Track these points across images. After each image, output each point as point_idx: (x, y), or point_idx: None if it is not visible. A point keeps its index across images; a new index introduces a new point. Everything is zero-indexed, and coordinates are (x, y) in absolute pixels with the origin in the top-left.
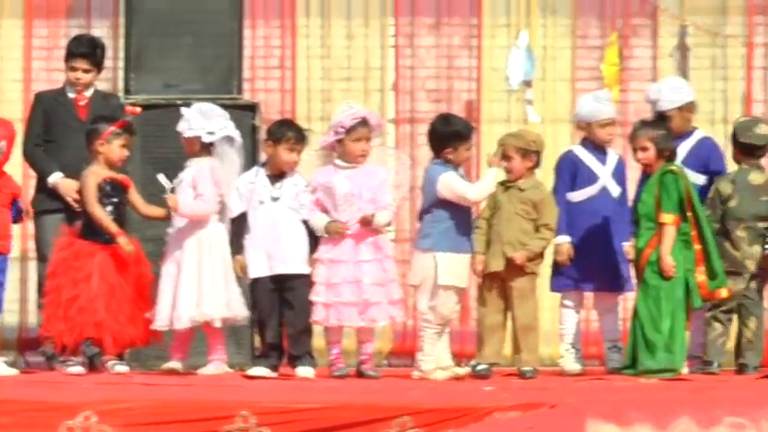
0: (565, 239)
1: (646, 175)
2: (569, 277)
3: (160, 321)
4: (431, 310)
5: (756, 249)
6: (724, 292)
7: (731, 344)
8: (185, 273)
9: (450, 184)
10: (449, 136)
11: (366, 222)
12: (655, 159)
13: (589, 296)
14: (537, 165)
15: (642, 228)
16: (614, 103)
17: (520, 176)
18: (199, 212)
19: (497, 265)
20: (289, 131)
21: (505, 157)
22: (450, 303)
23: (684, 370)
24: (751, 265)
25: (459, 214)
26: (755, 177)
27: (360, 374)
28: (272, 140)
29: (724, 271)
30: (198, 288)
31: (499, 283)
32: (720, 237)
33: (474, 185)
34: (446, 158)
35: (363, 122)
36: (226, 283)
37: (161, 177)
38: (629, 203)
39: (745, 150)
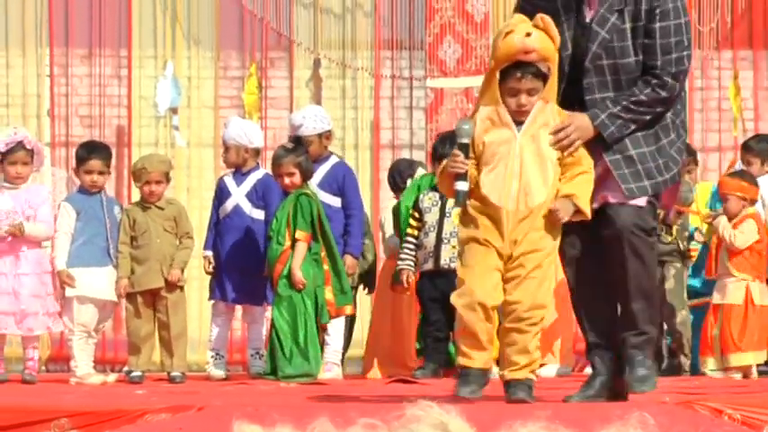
0: (208, 253)
1: (283, 195)
2: (219, 289)
3: None
4: (71, 321)
5: None
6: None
7: None
8: None
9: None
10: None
11: (14, 233)
12: (301, 182)
13: (238, 307)
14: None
15: (274, 243)
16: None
17: (161, 197)
18: None
19: (158, 282)
20: None
21: (157, 182)
22: (88, 314)
23: (322, 375)
24: None
25: (94, 230)
26: None
27: (25, 381)
28: None
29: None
30: None
31: (150, 296)
32: None
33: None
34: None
35: (20, 146)
36: None
37: None
38: None
39: None
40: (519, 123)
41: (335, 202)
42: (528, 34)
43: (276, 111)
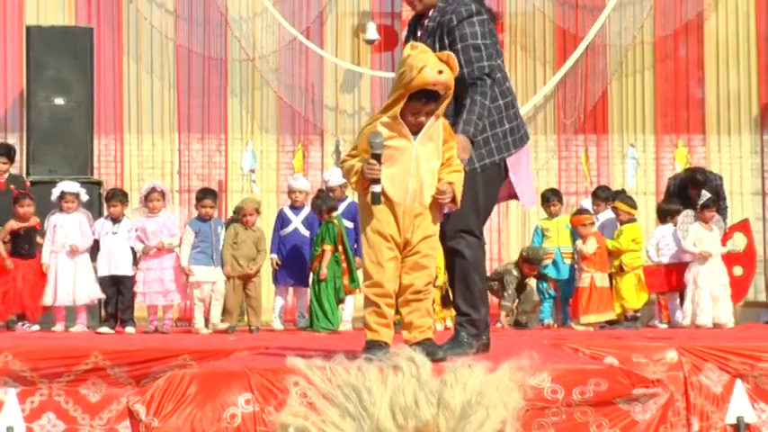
0: (274, 256)
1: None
2: (281, 277)
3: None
4: (196, 294)
5: None
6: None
7: None
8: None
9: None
10: None
11: (160, 248)
12: (328, 216)
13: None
14: None
15: (314, 252)
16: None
17: (254, 223)
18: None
19: (247, 271)
20: (118, 196)
21: (251, 214)
22: (203, 291)
23: (341, 327)
24: None
25: (206, 244)
26: None
27: (162, 332)
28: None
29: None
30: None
31: (242, 279)
32: None
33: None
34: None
35: (153, 190)
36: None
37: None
38: None
39: None
40: (413, 132)
41: (351, 225)
42: (440, 72)
43: (313, 171)
